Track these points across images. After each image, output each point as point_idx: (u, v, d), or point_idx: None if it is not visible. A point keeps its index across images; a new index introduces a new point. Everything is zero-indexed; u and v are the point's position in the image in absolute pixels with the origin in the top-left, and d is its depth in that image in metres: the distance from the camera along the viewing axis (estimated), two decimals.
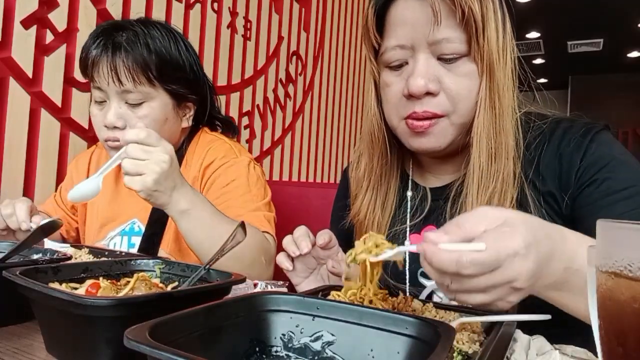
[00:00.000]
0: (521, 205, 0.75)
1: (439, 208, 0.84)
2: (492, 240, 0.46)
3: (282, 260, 0.79)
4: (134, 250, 1.14)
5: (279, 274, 1.08)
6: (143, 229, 1.15)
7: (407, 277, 0.84)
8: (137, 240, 1.16)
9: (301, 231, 0.79)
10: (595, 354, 0.43)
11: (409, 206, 0.88)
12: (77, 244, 1.06)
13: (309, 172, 2.76)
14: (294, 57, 2.56)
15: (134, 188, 0.85)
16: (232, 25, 2.09)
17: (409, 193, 0.89)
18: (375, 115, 0.85)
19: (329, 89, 2.88)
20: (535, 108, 0.83)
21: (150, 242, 1.13)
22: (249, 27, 2.19)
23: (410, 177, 0.91)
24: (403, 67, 0.78)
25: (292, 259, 0.79)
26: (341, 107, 3.05)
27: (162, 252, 1.12)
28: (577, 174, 0.73)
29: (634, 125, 7.81)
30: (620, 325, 0.31)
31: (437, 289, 0.81)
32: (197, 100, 1.19)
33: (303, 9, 2.60)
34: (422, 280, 0.83)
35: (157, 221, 1.14)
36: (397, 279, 0.84)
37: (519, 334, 0.56)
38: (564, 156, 0.75)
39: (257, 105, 2.30)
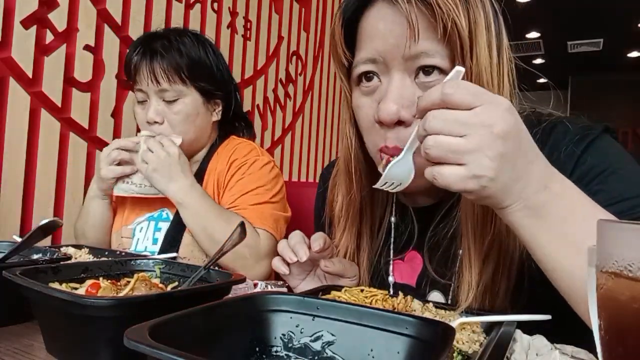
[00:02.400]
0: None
1: (423, 231, 0.79)
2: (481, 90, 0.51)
3: (279, 265, 0.77)
4: (160, 234, 1.25)
5: (278, 274, 1.09)
6: (171, 217, 1.26)
7: None
8: (163, 225, 1.26)
9: (297, 238, 0.76)
10: (595, 354, 0.43)
11: (392, 235, 0.82)
12: (77, 244, 1.06)
13: (309, 172, 2.76)
14: (294, 57, 2.56)
15: (141, 170, 1.17)
16: (232, 25, 2.09)
17: (392, 219, 0.83)
18: (350, 139, 0.77)
19: (329, 89, 2.88)
20: (531, 106, 0.76)
21: (178, 229, 1.23)
22: (249, 27, 2.19)
23: (394, 198, 0.84)
24: (375, 87, 0.69)
25: (288, 264, 0.77)
26: (341, 107, 3.04)
27: (187, 236, 1.22)
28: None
29: (634, 125, 7.81)
30: (620, 325, 0.31)
31: None
32: (223, 96, 1.35)
33: (303, 9, 2.60)
34: None
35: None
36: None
37: (518, 334, 0.56)
38: (555, 165, 0.68)
39: (257, 105, 2.30)
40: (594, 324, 0.35)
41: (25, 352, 0.57)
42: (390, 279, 0.81)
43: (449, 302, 0.75)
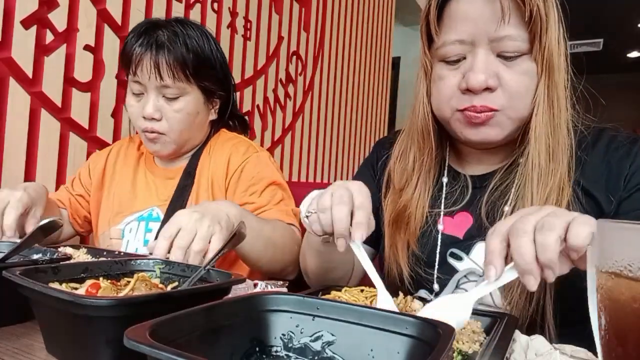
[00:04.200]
0: (568, 204, 0.76)
1: (476, 195, 0.85)
2: None
3: (317, 228, 0.70)
4: (151, 235, 1.18)
5: (276, 274, 1.08)
6: (162, 216, 1.19)
7: (437, 259, 0.85)
8: (154, 226, 1.19)
9: (344, 212, 0.66)
10: (595, 354, 0.43)
11: (443, 192, 0.89)
12: (75, 244, 1.06)
13: (309, 172, 2.76)
14: (294, 57, 2.56)
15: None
16: (232, 25, 2.09)
17: (444, 179, 0.90)
18: (426, 108, 0.85)
19: (329, 89, 2.88)
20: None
21: None
22: (249, 27, 2.19)
23: (447, 163, 0.91)
24: (460, 62, 0.78)
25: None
26: (341, 107, 3.05)
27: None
28: (625, 178, 0.75)
29: (634, 125, 7.80)
30: (620, 325, 0.31)
31: (468, 273, 0.82)
32: (222, 95, 1.29)
33: (303, 9, 2.60)
34: (452, 262, 0.83)
35: (177, 209, 1.13)
36: (427, 264, 0.85)
37: (518, 334, 0.56)
38: (612, 162, 0.77)
39: (257, 105, 2.30)
40: (594, 324, 0.35)
41: (25, 352, 0.57)
42: (440, 226, 0.86)
43: None
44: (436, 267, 0.84)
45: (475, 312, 0.61)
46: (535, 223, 0.55)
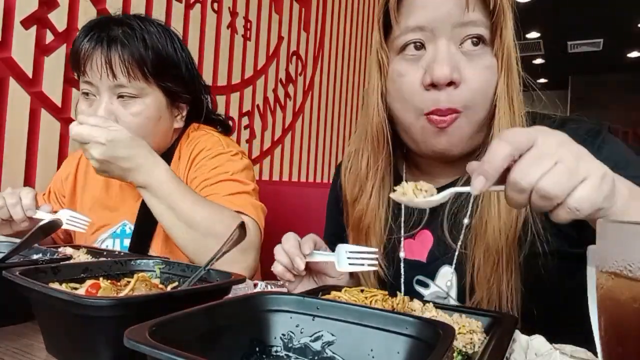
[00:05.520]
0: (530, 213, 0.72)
1: (435, 212, 0.81)
2: None
3: (284, 273, 0.76)
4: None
5: (273, 272, 1.08)
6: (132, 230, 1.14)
7: (403, 286, 0.82)
8: (129, 243, 1.14)
9: (292, 242, 0.75)
10: (595, 354, 0.43)
11: (402, 214, 0.84)
12: (75, 244, 1.06)
13: (309, 172, 2.76)
14: (294, 57, 2.56)
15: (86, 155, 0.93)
16: (232, 25, 2.09)
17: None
18: (381, 110, 0.79)
19: (329, 89, 2.88)
20: (536, 109, 0.81)
21: (140, 244, 1.11)
22: (249, 27, 2.19)
23: (404, 180, 0.86)
24: (420, 55, 0.73)
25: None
26: (341, 107, 3.05)
27: (153, 253, 1.11)
28: None
29: (634, 125, 7.81)
30: (620, 325, 0.31)
31: (434, 298, 0.80)
32: (190, 100, 1.18)
33: (303, 9, 2.60)
34: (419, 289, 0.82)
35: (146, 222, 1.10)
36: (392, 288, 0.82)
37: (518, 334, 0.56)
38: None
39: (257, 105, 2.30)
40: (594, 324, 0.35)
41: (25, 352, 0.57)
42: (401, 254, 0.83)
43: (456, 273, 0.78)
44: (402, 292, 0.83)
45: (476, 312, 0.61)
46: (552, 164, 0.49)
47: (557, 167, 0.49)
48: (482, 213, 0.73)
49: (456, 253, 0.77)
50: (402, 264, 0.82)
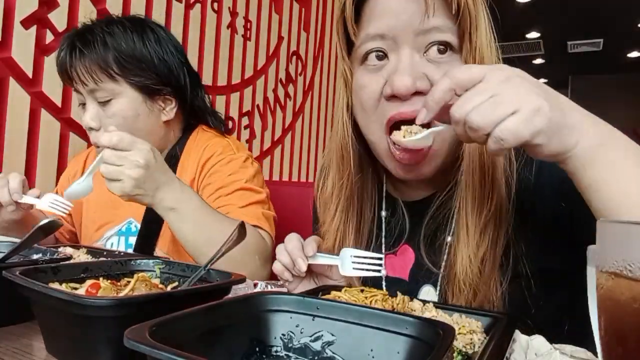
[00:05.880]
0: (508, 229, 0.70)
1: (416, 224, 0.79)
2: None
3: (282, 272, 0.75)
4: (131, 251, 1.13)
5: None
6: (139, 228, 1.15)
7: None
8: (134, 241, 1.14)
9: (294, 242, 0.74)
10: (595, 354, 0.43)
11: (383, 229, 0.82)
12: (75, 244, 1.06)
13: (309, 172, 2.76)
14: (294, 57, 2.56)
15: (114, 193, 0.87)
16: (232, 25, 2.09)
17: (383, 213, 0.82)
18: (346, 124, 0.76)
19: (329, 89, 2.88)
20: None
21: (146, 244, 1.12)
22: (249, 27, 2.19)
23: (384, 191, 0.83)
24: (382, 65, 0.69)
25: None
26: (336, 93, 3.04)
27: (160, 252, 1.12)
28: (563, 190, 0.67)
29: (634, 125, 7.80)
30: (620, 325, 0.31)
31: None
32: (174, 92, 1.17)
33: (303, 9, 2.60)
34: None
35: (152, 222, 1.12)
36: None
37: (518, 334, 0.56)
38: (544, 181, 0.69)
39: (257, 105, 2.30)
40: (594, 324, 0.35)
41: (25, 352, 0.57)
42: (383, 272, 0.80)
43: (439, 293, 0.75)
44: None
45: (476, 312, 0.61)
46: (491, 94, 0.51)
47: (488, 101, 0.51)
48: (458, 229, 0.71)
49: (440, 275, 0.75)
50: (383, 282, 0.81)
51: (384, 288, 0.80)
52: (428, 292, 0.77)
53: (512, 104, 0.50)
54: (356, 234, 0.80)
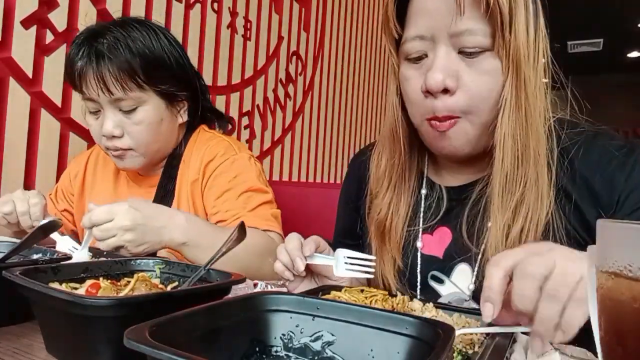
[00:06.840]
0: (548, 215, 0.71)
1: (456, 209, 0.82)
2: None
3: (283, 271, 0.77)
4: None
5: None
6: None
7: (419, 281, 0.83)
8: None
9: (294, 242, 0.76)
10: (595, 354, 0.43)
11: (422, 205, 0.86)
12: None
13: (309, 172, 2.76)
14: (294, 57, 2.56)
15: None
16: (232, 25, 2.09)
17: (423, 191, 0.86)
18: (397, 111, 0.81)
19: (329, 89, 2.88)
20: (565, 114, 0.80)
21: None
22: (249, 27, 2.19)
23: (425, 175, 0.88)
24: (422, 60, 0.74)
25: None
26: (341, 107, 3.05)
27: (160, 252, 1.12)
28: (621, 195, 0.69)
29: (634, 125, 7.80)
30: (620, 325, 0.31)
31: (454, 299, 0.80)
32: (188, 95, 1.18)
33: (303, 9, 2.60)
34: (434, 285, 0.82)
35: None
36: (410, 284, 0.83)
37: (518, 334, 0.56)
38: (604, 174, 0.71)
39: (257, 105, 2.30)
40: (594, 324, 0.35)
41: (25, 352, 0.57)
42: (419, 244, 0.84)
43: (475, 272, 0.78)
44: (418, 288, 0.83)
45: (476, 312, 0.61)
46: (545, 271, 0.50)
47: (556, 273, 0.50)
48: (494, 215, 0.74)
49: (479, 256, 0.77)
50: (418, 254, 0.84)
51: (419, 262, 0.83)
52: (463, 272, 0.79)
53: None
54: (403, 207, 0.85)
